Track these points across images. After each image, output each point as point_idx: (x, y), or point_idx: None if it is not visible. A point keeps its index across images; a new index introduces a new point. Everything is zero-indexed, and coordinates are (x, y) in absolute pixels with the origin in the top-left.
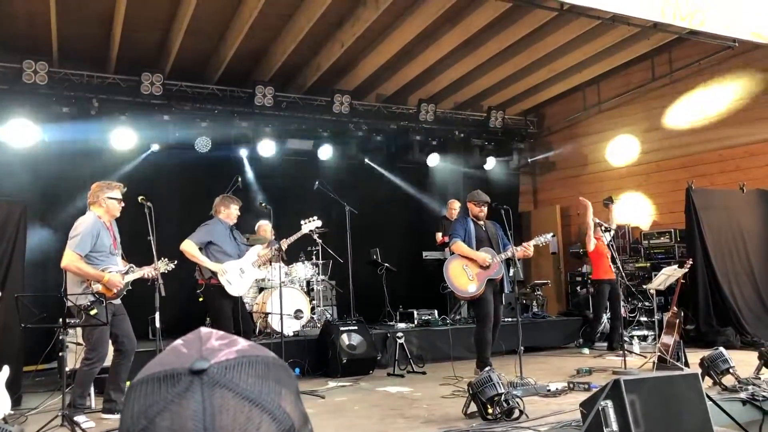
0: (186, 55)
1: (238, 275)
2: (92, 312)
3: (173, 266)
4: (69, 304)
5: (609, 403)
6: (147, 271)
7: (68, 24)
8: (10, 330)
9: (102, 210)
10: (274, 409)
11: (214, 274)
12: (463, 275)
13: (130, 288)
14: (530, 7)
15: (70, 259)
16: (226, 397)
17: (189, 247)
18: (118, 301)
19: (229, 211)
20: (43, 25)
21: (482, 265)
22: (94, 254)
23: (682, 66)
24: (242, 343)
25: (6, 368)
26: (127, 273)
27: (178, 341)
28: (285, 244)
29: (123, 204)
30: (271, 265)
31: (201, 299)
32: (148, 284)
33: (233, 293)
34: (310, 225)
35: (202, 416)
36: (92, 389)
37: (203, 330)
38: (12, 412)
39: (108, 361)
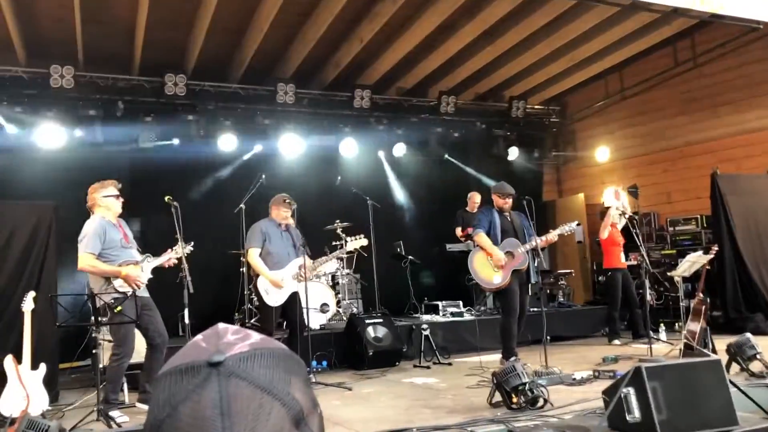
0: (208, 55)
1: (275, 288)
2: (117, 309)
3: (191, 248)
4: (98, 302)
5: (631, 390)
6: (166, 258)
7: (92, 28)
8: (46, 329)
9: (103, 210)
10: (283, 396)
11: (257, 278)
12: (488, 266)
13: (151, 276)
14: None
15: (84, 260)
16: (240, 386)
17: (252, 257)
18: (146, 294)
19: (277, 212)
20: (68, 30)
21: (495, 264)
22: (106, 251)
23: (706, 50)
24: (255, 337)
25: (43, 366)
26: (143, 262)
27: (199, 336)
28: (333, 257)
29: (122, 199)
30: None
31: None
32: (176, 281)
33: (269, 303)
34: (356, 243)
35: (219, 404)
36: (125, 385)
37: (220, 326)
38: (50, 408)
39: (140, 357)
